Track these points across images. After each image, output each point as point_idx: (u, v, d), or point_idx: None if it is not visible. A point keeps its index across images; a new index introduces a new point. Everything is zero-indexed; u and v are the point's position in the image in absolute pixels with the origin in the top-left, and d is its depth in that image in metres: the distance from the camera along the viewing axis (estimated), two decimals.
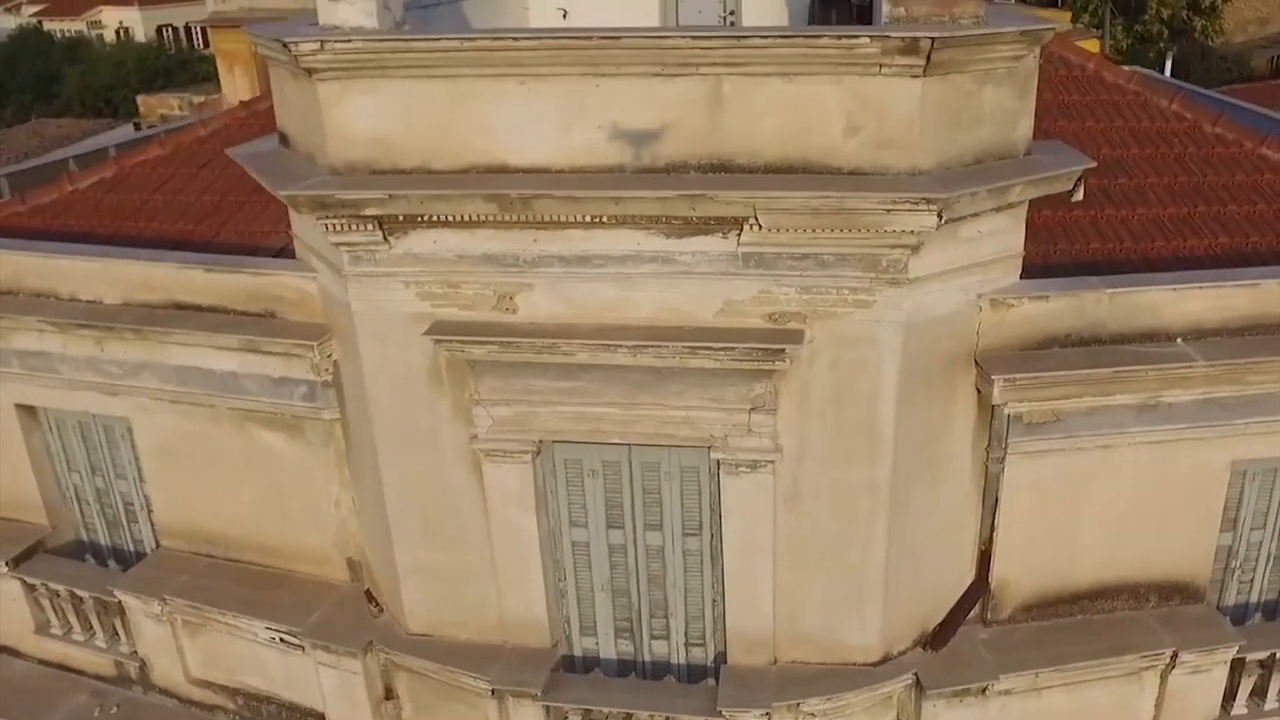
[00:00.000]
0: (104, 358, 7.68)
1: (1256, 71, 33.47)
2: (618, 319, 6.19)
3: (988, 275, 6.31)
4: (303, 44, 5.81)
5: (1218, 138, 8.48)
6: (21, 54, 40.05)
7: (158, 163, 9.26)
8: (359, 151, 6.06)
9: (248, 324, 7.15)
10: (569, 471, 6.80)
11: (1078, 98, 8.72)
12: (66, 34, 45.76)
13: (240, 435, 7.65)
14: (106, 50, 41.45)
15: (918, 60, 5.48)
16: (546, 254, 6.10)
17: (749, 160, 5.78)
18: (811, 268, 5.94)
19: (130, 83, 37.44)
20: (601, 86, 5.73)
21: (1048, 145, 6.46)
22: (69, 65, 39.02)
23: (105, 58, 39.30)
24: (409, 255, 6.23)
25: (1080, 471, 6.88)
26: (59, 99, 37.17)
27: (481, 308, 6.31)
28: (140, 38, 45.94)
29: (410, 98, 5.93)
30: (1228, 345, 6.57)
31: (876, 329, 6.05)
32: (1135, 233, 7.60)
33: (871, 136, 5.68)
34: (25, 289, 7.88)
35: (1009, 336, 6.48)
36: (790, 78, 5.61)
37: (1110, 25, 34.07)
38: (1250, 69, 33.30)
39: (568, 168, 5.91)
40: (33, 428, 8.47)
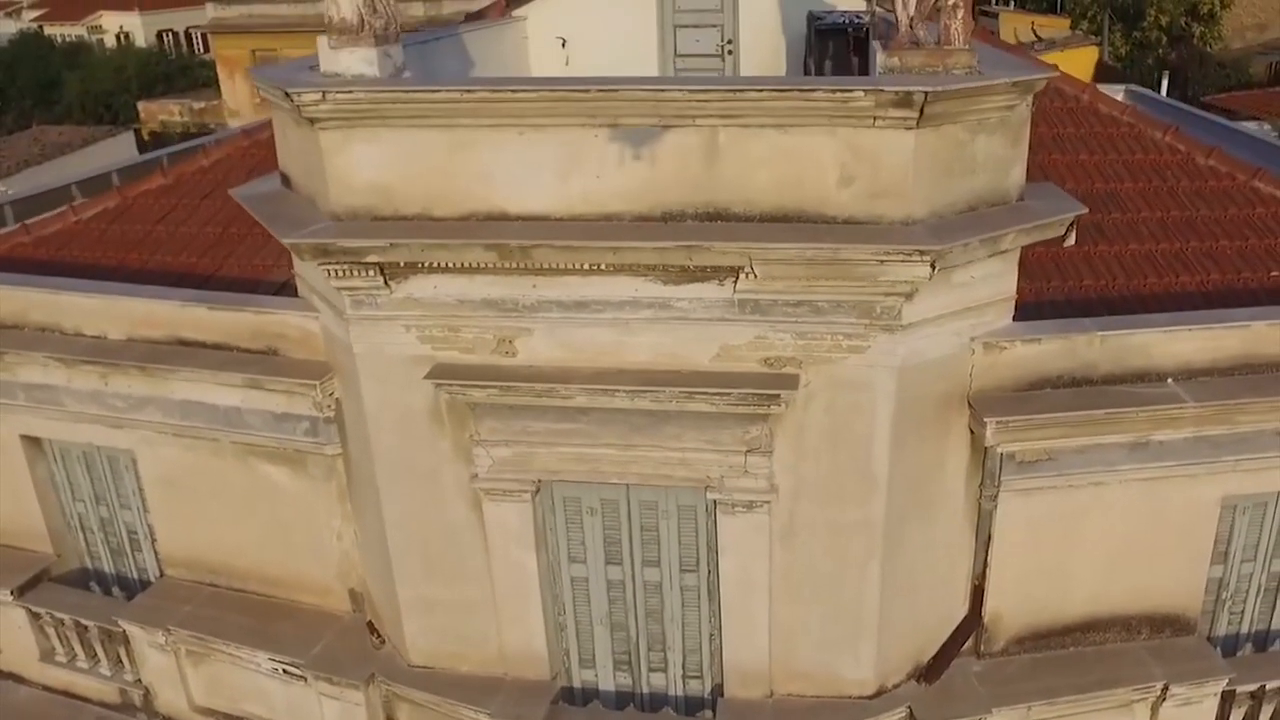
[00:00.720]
0: (108, 392, 7.77)
1: (1255, 78, 33.48)
2: (616, 363, 6.28)
3: (981, 318, 6.40)
4: (305, 94, 5.90)
5: (1210, 170, 8.57)
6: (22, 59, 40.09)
7: (160, 193, 9.35)
8: (360, 198, 6.15)
9: (250, 362, 7.24)
10: (568, 509, 6.90)
11: (1072, 130, 8.81)
12: (67, 39, 45.81)
13: (243, 468, 7.75)
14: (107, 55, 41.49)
15: (911, 113, 5.56)
16: (545, 299, 6.19)
17: (745, 209, 5.87)
18: (807, 314, 6.03)
19: (131, 89, 37.54)
20: (599, 137, 5.83)
21: (1040, 189, 6.55)
22: (69, 71, 39.06)
23: (106, 63, 39.35)
24: (410, 299, 6.33)
25: (1072, 508, 6.97)
26: (59, 105, 37.24)
27: (481, 351, 6.40)
28: (141, 43, 45.99)
29: (411, 146, 6.02)
30: (1218, 385, 6.66)
31: (871, 373, 6.14)
32: (1128, 269, 7.69)
33: (865, 186, 5.76)
34: (30, 323, 7.97)
35: (1002, 378, 6.56)
36: (785, 129, 5.69)
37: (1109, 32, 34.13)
38: (1249, 75, 33.31)
39: (566, 215, 6.00)
40: (38, 458, 8.56)
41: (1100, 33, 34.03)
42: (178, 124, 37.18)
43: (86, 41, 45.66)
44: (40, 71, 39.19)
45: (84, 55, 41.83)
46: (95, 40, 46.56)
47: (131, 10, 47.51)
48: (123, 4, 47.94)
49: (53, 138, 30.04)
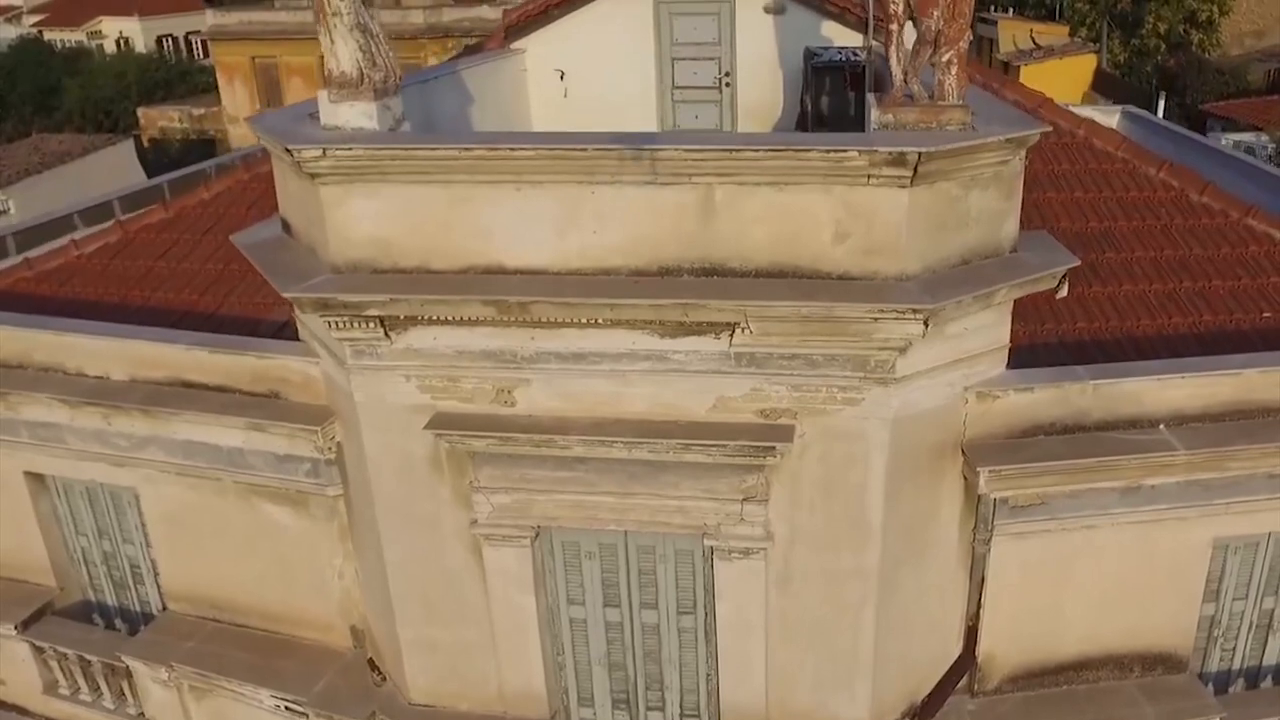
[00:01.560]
0: (111, 431, 7.84)
1: (1253, 85, 33.56)
2: (613, 413, 6.36)
3: (974, 368, 6.47)
4: (305, 150, 5.96)
5: (1204, 208, 8.64)
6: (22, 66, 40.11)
7: (161, 227, 9.42)
8: (360, 251, 6.22)
9: (252, 405, 7.31)
10: (566, 553, 6.97)
11: (1067, 166, 8.88)
12: (67, 44, 45.83)
13: (245, 507, 7.82)
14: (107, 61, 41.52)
15: (905, 171, 5.63)
16: (544, 351, 6.26)
17: (741, 264, 5.94)
18: (802, 367, 6.10)
19: (131, 95, 37.58)
20: (596, 193, 5.90)
21: (1033, 238, 6.61)
22: (69, 77, 39.10)
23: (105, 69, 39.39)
24: (410, 350, 6.40)
25: (1065, 550, 7.04)
26: (59, 111, 37.28)
27: (481, 400, 6.48)
28: (140, 48, 46.02)
29: (410, 201, 6.09)
30: (1210, 432, 6.73)
31: (865, 425, 6.22)
32: (1121, 310, 7.76)
33: (860, 243, 5.83)
34: (33, 363, 8.03)
35: (995, 426, 6.63)
36: (781, 187, 5.76)
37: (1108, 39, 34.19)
38: (1246, 82, 33.38)
39: (564, 270, 6.07)
40: (41, 493, 8.64)
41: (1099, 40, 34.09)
42: (177, 130, 37.27)
43: (86, 47, 45.68)
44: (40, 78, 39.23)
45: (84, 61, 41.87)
46: (95, 46, 46.58)
47: (131, 16, 47.54)
48: (122, 9, 47.95)
49: (53, 146, 30.07)
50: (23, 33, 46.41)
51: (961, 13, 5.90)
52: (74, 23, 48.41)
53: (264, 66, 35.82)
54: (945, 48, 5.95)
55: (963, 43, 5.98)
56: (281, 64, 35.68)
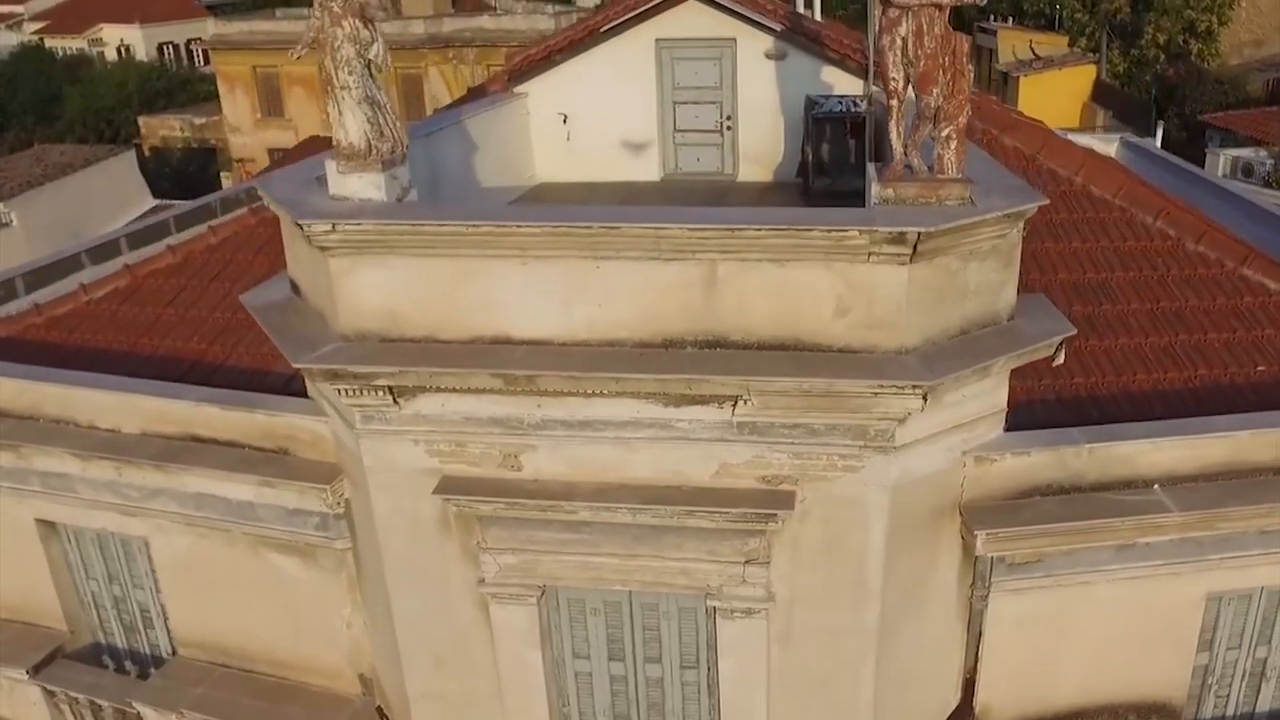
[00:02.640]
0: (122, 482, 7.95)
1: (1252, 94, 33.59)
2: (618, 478, 6.48)
3: (973, 433, 6.59)
4: (315, 225, 6.08)
5: (1200, 257, 8.75)
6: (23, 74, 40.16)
7: (170, 272, 9.52)
8: (369, 322, 6.33)
9: (262, 461, 7.43)
10: (572, 609, 7.10)
11: (1065, 215, 8.99)
12: (68, 51, 45.85)
13: (255, 558, 7.94)
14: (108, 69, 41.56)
15: (905, 249, 5.75)
16: (550, 418, 6.38)
17: (743, 337, 6.06)
18: (803, 436, 6.22)
19: (132, 104, 37.62)
20: (601, 268, 6.01)
21: (1031, 304, 6.71)
22: (70, 85, 39.14)
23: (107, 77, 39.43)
24: (418, 416, 6.51)
25: (1061, 605, 7.16)
26: (61, 120, 37.33)
27: (487, 465, 6.59)
28: (141, 55, 46.02)
29: (418, 273, 6.21)
30: (1203, 492, 6.85)
31: (865, 491, 6.34)
32: (1117, 365, 7.87)
33: (861, 318, 5.95)
34: (45, 414, 8.15)
35: (992, 488, 6.76)
36: (783, 263, 5.88)
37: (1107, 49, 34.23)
38: (1246, 92, 33.41)
39: (570, 341, 6.19)
40: (52, 539, 8.75)
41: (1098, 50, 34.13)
42: (179, 139, 37.33)
43: (88, 55, 45.69)
44: (41, 86, 39.27)
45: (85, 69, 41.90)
46: (96, 53, 46.58)
47: (132, 23, 47.54)
48: (123, 17, 47.93)
49: (55, 157, 30.07)
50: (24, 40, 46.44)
51: (961, 90, 6.01)
52: (75, 30, 48.38)
53: (265, 76, 35.87)
54: (945, 123, 6.06)
55: (962, 118, 6.09)
56: (283, 73, 35.69)
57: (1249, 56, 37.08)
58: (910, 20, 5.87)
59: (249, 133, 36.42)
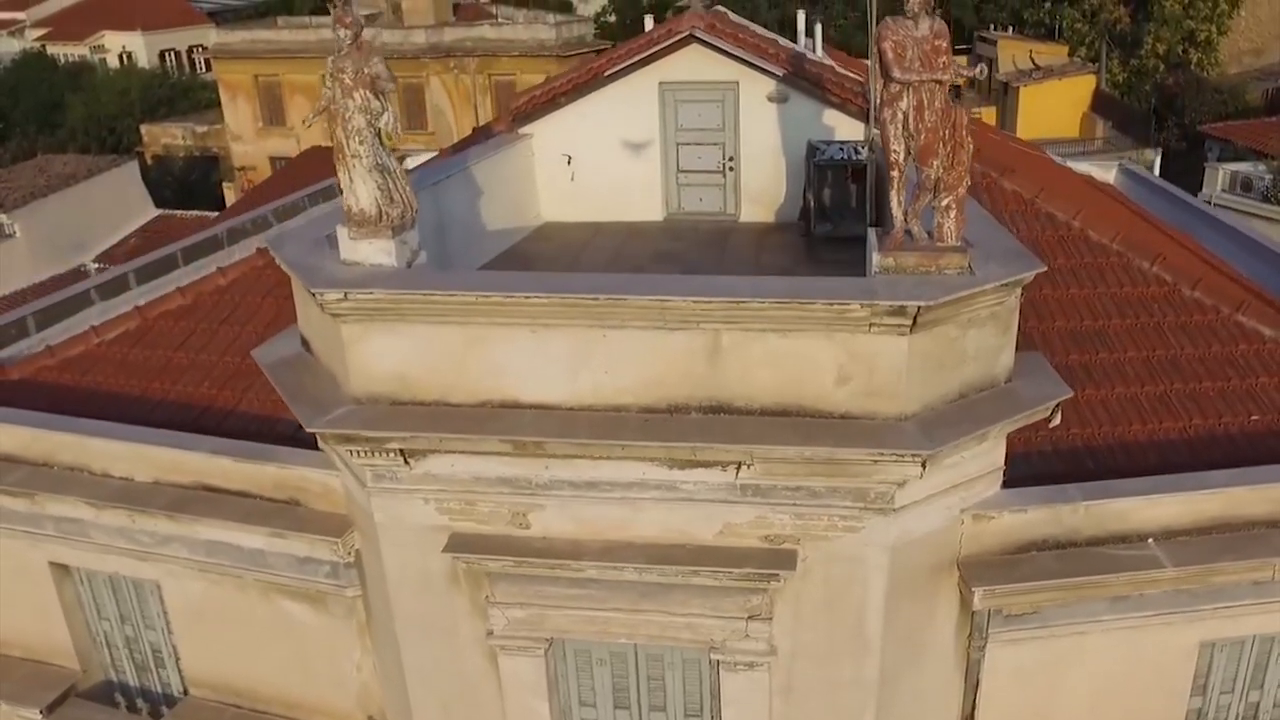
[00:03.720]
0: (135, 528, 8.08)
1: (1251, 104, 33.72)
2: (624, 536, 6.62)
3: (970, 491, 6.73)
4: (328, 294, 6.22)
5: (1196, 303, 8.87)
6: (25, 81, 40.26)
7: (179, 314, 9.64)
8: (381, 385, 6.47)
9: (273, 512, 7.56)
10: (578, 660, 7.24)
11: (1063, 261, 9.10)
12: (70, 58, 45.94)
13: (266, 603, 8.08)
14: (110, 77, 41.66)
15: (905, 321, 5.89)
16: (558, 479, 6.51)
17: (747, 404, 6.19)
18: (804, 497, 6.36)
19: (134, 112, 37.72)
20: (608, 337, 6.14)
21: (1028, 364, 6.84)
22: (73, 93, 39.24)
23: (109, 85, 39.54)
24: (428, 475, 6.65)
25: (1056, 655, 7.30)
26: (63, 128, 37.43)
27: (496, 523, 6.73)
28: (143, 62, 46.14)
29: (429, 340, 6.34)
30: (1197, 547, 6.99)
31: (865, 551, 6.48)
32: (1114, 415, 8.00)
33: (861, 386, 6.09)
34: (59, 462, 8.28)
35: (990, 544, 6.89)
36: (785, 333, 6.01)
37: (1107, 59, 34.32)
38: (1245, 101, 33.53)
39: (577, 406, 6.32)
40: (65, 581, 8.88)
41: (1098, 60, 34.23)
42: (180, 147, 37.44)
43: (89, 62, 45.78)
44: (44, 93, 39.37)
45: (87, 76, 41.98)
46: (98, 60, 46.68)
47: (134, 30, 47.64)
48: (125, 24, 48.03)
49: (58, 168, 30.21)
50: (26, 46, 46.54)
51: (960, 161, 6.14)
52: (77, 37, 48.48)
53: (267, 85, 35.99)
54: (945, 194, 6.20)
55: (962, 188, 6.22)
56: (284, 82, 35.84)
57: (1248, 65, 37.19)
58: (911, 95, 6.00)
59: (251, 141, 36.56)
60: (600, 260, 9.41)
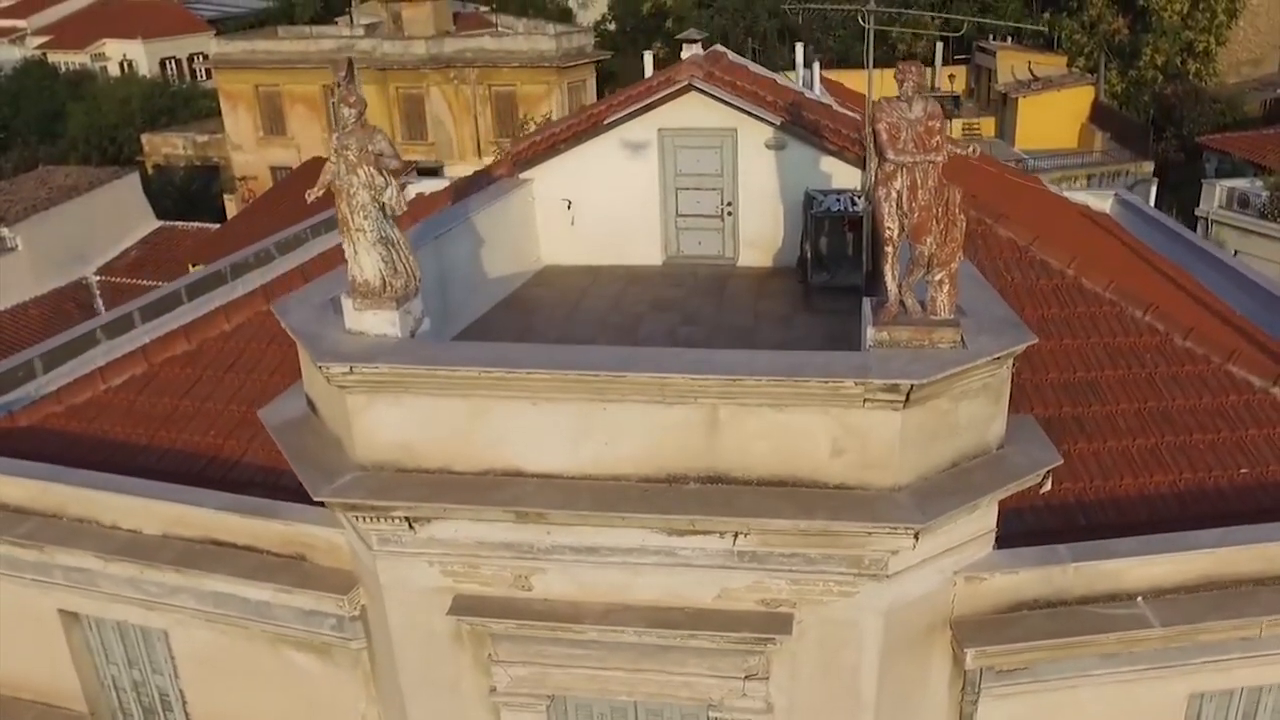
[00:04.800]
0: (143, 579, 8.22)
1: (1249, 114, 33.79)
2: (624, 600, 6.76)
3: (963, 554, 6.87)
4: (334, 367, 6.35)
5: (1187, 353, 9.00)
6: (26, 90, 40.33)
7: (185, 360, 9.77)
8: (385, 454, 6.61)
9: (279, 568, 7.70)
10: (580, 716, 7.38)
11: (1056, 311, 9.23)
12: (71, 66, 45.99)
13: (272, 653, 8.22)
14: (111, 86, 41.72)
15: (898, 397, 6.02)
16: (559, 544, 6.65)
17: (743, 474, 6.33)
18: (800, 564, 6.50)
19: (135, 121, 37.80)
20: (608, 409, 6.28)
21: (1019, 428, 6.97)
22: (74, 101, 39.31)
23: (109, 95, 39.60)
24: (433, 539, 6.79)
25: (1047, 708, 7.43)
26: (64, 138, 37.51)
27: (499, 585, 6.87)
28: (144, 70, 46.19)
29: (432, 411, 6.48)
30: (1185, 605, 7.12)
31: (859, 614, 6.62)
32: (1105, 468, 8.14)
33: (856, 458, 6.22)
34: (68, 514, 8.42)
35: (982, 604, 7.03)
36: (781, 408, 6.15)
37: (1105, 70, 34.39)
38: (1243, 112, 33.61)
39: (578, 475, 6.46)
40: (74, 626, 9.02)
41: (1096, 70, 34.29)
42: (181, 157, 37.53)
43: (90, 70, 45.83)
44: (45, 102, 39.45)
45: (88, 85, 42.04)
46: (99, 68, 46.74)
47: (134, 38, 47.70)
48: (126, 32, 48.09)
49: (59, 179, 30.28)
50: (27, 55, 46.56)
51: (953, 238, 6.27)
52: (78, 45, 48.52)
53: (267, 94, 36.09)
54: (938, 269, 6.33)
55: (954, 264, 6.35)
56: (285, 92, 35.95)
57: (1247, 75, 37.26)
58: (905, 175, 6.13)
59: (252, 150, 36.67)
60: (600, 308, 9.54)
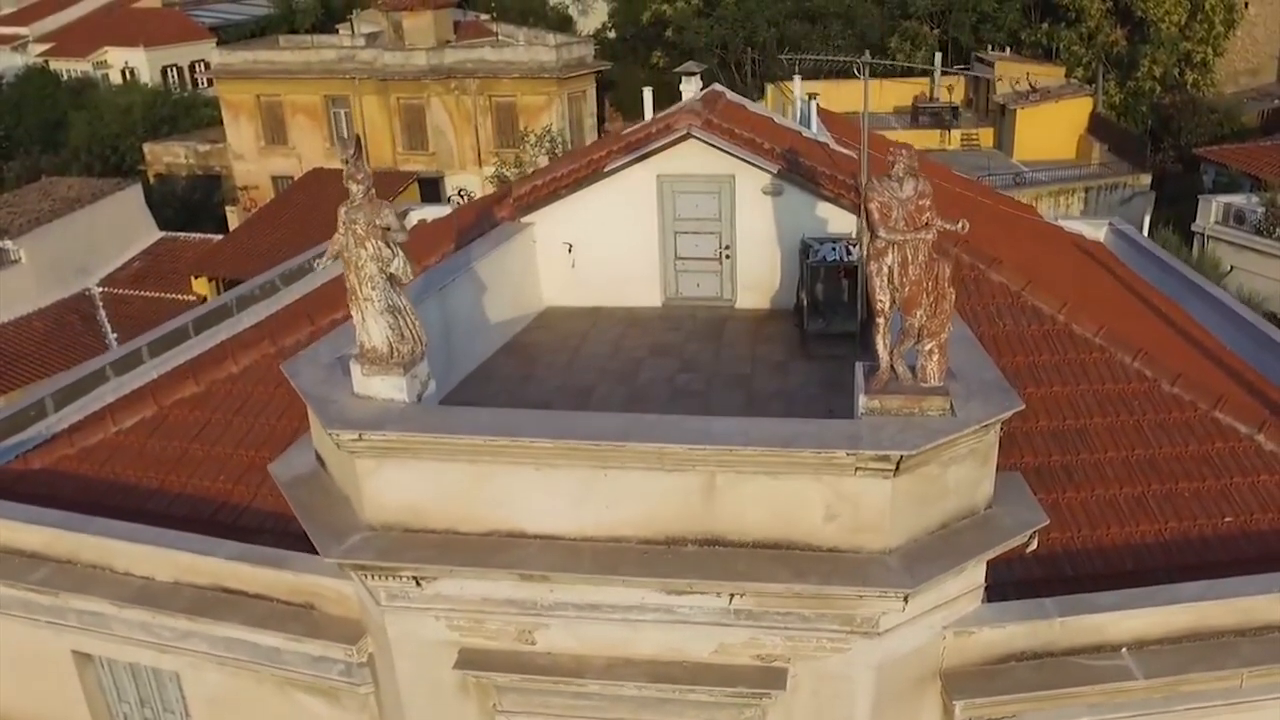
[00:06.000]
0: (155, 623, 8.45)
1: (1247, 125, 33.94)
2: (625, 654, 6.98)
3: (952, 610, 7.08)
4: (343, 434, 6.57)
5: (1175, 400, 9.21)
6: (29, 98, 40.48)
7: (194, 403, 9.99)
8: (393, 515, 6.83)
9: (289, 617, 7.92)
10: None
11: (1047, 358, 9.44)
12: (73, 74, 46.13)
13: (282, 696, 8.43)
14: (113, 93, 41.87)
15: (889, 466, 6.23)
16: (562, 601, 6.87)
17: (739, 537, 6.55)
18: (795, 622, 6.71)
19: (137, 130, 37.96)
20: (609, 475, 6.49)
21: (1006, 486, 7.17)
22: (75, 110, 39.46)
23: (111, 102, 39.76)
24: (439, 595, 7.01)
25: None
26: (66, 147, 37.66)
27: (504, 639, 7.09)
28: (146, 78, 46.34)
29: (439, 475, 6.69)
30: (1168, 657, 7.34)
31: (852, 669, 6.84)
32: (1092, 517, 8.35)
33: (848, 522, 6.44)
34: (82, 560, 8.64)
35: (971, 656, 7.24)
36: (776, 475, 6.36)
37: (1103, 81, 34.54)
38: (1240, 123, 33.76)
39: (579, 536, 6.68)
40: (87, 666, 9.25)
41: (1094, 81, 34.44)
42: (183, 166, 37.69)
43: (92, 78, 45.98)
44: (47, 111, 39.60)
45: (90, 93, 42.18)
46: (101, 76, 46.90)
47: (136, 46, 47.84)
48: (127, 39, 48.25)
49: (62, 191, 30.41)
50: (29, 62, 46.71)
51: (943, 310, 6.47)
52: (80, 53, 48.69)
53: (269, 104, 36.25)
54: (928, 339, 6.53)
55: (944, 334, 6.55)
56: (286, 102, 36.11)
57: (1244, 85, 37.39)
58: (896, 251, 6.33)
59: (253, 160, 36.83)
60: (600, 353, 9.74)
